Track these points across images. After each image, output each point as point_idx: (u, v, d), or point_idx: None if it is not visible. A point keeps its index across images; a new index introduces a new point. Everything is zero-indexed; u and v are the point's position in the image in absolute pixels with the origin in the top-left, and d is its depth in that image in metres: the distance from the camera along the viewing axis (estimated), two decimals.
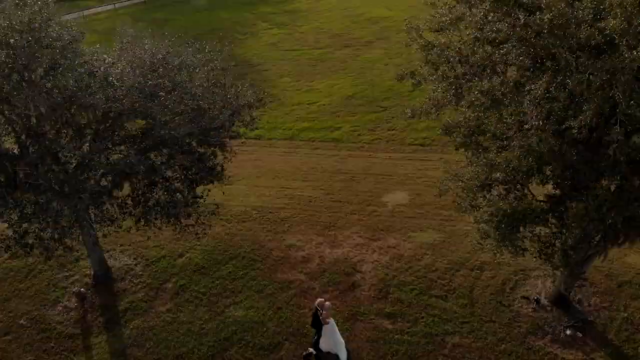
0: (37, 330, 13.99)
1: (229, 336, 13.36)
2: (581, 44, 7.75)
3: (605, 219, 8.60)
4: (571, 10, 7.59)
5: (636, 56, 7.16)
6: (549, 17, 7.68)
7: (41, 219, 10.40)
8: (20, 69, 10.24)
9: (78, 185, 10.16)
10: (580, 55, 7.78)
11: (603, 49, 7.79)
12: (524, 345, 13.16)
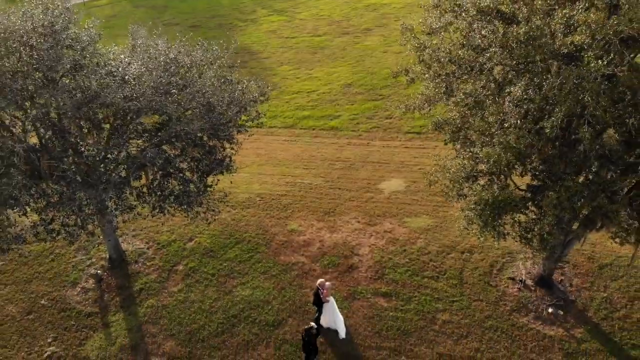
0: (57, 310, 15.22)
1: (237, 314, 14.62)
2: (554, 53, 8.77)
3: (576, 208, 9.74)
4: (545, 23, 8.59)
5: (601, 65, 8.19)
6: (525, 30, 8.70)
7: (66, 207, 11.51)
8: (45, 70, 11.23)
9: (101, 176, 11.24)
10: (553, 63, 8.81)
11: (575, 56, 8.81)
12: (509, 322, 14.43)
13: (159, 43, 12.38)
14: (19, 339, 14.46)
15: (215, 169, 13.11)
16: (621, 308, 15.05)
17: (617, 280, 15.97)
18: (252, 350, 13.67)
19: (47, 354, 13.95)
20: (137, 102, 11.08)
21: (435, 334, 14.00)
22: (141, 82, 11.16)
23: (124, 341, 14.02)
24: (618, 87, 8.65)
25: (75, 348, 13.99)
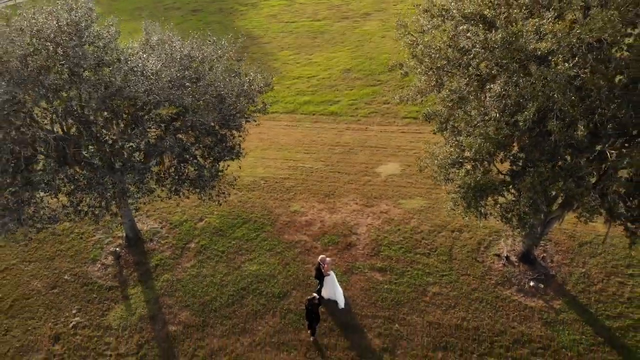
0: (80, 284, 16.81)
1: (246, 286, 16.23)
2: (528, 55, 10.11)
3: (548, 191, 11.22)
4: (519, 30, 9.90)
5: (567, 67, 9.55)
6: (502, 36, 10.02)
7: (93, 191, 12.95)
8: (72, 66, 12.54)
9: (125, 162, 12.64)
10: (527, 64, 10.16)
11: (546, 58, 10.16)
12: (493, 294, 16.05)
13: (173, 40, 13.66)
14: (45, 311, 16.06)
15: (225, 156, 14.55)
16: (598, 282, 16.65)
17: (595, 257, 17.55)
18: (260, 319, 15.30)
19: (72, 324, 15.55)
20: (156, 96, 12.43)
21: (426, 304, 15.63)
22: (160, 78, 12.48)
23: (142, 312, 15.64)
24: (584, 86, 10.03)
25: (98, 318, 15.61)
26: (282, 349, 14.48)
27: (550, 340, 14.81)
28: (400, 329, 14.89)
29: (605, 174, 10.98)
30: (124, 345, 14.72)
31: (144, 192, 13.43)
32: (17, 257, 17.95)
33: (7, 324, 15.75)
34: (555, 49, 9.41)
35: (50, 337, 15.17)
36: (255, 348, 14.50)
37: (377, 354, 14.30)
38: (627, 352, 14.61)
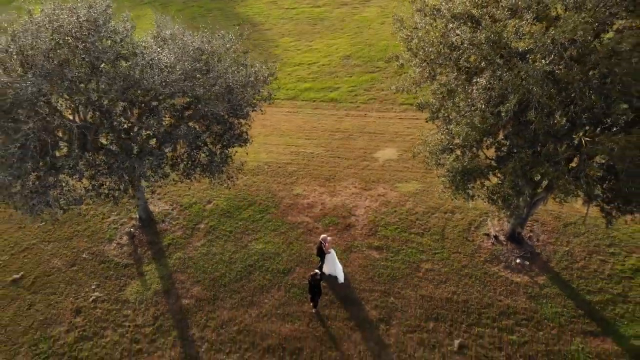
0: (97, 262, 18.22)
1: (252, 263, 17.66)
2: (510, 52, 11.32)
3: (527, 175, 12.54)
4: (501, 30, 11.09)
5: (544, 64, 10.77)
6: (486, 35, 11.22)
7: (113, 175, 14.25)
8: (93, 60, 13.74)
9: (143, 149, 13.91)
10: (509, 59, 11.38)
11: (526, 55, 11.37)
12: (482, 270, 17.49)
13: (185, 34, 14.82)
14: (66, 286, 17.50)
15: (234, 142, 15.82)
16: (580, 260, 18.09)
17: (578, 237, 18.97)
18: (266, 292, 16.76)
19: (92, 299, 17.00)
20: (171, 87, 13.66)
21: (419, 279, 17.08)
22: (174, 70, 13.69)
23: (157, 287, 17.08)
24: (560, 80, 11.27)
25: (116, 293, 17.05)
26: (287, 319, 15.95)
27: (534, 312, 16.27)
28: (395, 302, 16.36)
29: (580, 159, 12.27)
30: (141, 317, 16.19)
31: (159, 176, 14.73)
32: (37, 237, 19.33)
33: (31, 299, 17.19)
34: (532, 47, 10.63)
35: (72, 311, 16.62)
36: (262, 319, 15.97)
37: (373, 324, 15.79)
38: (606, 324, 16.09)
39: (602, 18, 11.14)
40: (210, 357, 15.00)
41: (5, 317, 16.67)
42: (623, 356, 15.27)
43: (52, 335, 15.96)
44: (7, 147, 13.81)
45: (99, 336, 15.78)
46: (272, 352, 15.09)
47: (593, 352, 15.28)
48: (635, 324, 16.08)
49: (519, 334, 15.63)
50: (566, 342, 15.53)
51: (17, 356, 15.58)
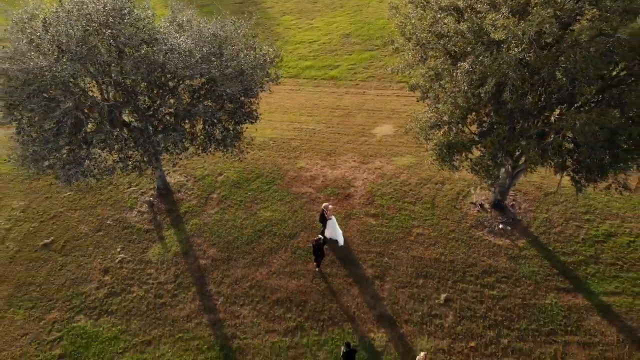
0: (121, 228, 20.42)
1: (262, 229, 19.90)
2: (489, 40, 13.24)
3: (504, 147, 14.62)
4: (480, 22, 12.99)
5: (518, 52, 12.72)
6: (467, 25, 13.13)
7: (139, 148, 16.30)
8: (120, 45, 15.63)
9: (168, 125, 15.91)
10: (489, 47, 13.31)
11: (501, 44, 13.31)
12: (468, 235, 19.74)
13: (200, 22, 16.69)
14: (94, 249, 19.73)
15: (245, 120, 17.84)
16: (558, 226, 20.34)
17: (557, 205, 21.18)
18: (275, 254, 19.03)
19: (118, 260, 19.25)
20: (190, 70, 15.60)
21: (411, 243, 19.35)
22: (193, 55, 15.60)
23: (177, 249, 19.33)
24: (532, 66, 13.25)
25: (139, 255, 19.30)
26: (293, 276, 18.26)
27: (513, 271, 18.59)
28: (389, 261, 18.66)
29: (550, 134, 14.33)
30: (163, 275, 18.48)
31: (180, 149, 16.79)
32: (64, 206, 21.49)
33: (62, 261, 19.44)
34: (507, 37, 12.57)
35: (100, 270, 18.90)
36: (271, 276, 18.28)
37: (369, 281, 18.11)
38: (578, 281, 18.42)
39: (569, 10, 13.04)
40: (226, 308, 17.35)
41: (39, 277, 18.93)
42: (592, 310, 17.63)
43: (83, 292, 18.25)
44: (43, 124, 15.84)
45: (126, 292, 18.08)
46: (280, 304, 17.43)
47: (565, 306, 17.62)
48: (605, 283, 18.42)
49: (498, 290, 17.96)
50: (541, 297, 17.86)
51: (52, 310, 17.89)
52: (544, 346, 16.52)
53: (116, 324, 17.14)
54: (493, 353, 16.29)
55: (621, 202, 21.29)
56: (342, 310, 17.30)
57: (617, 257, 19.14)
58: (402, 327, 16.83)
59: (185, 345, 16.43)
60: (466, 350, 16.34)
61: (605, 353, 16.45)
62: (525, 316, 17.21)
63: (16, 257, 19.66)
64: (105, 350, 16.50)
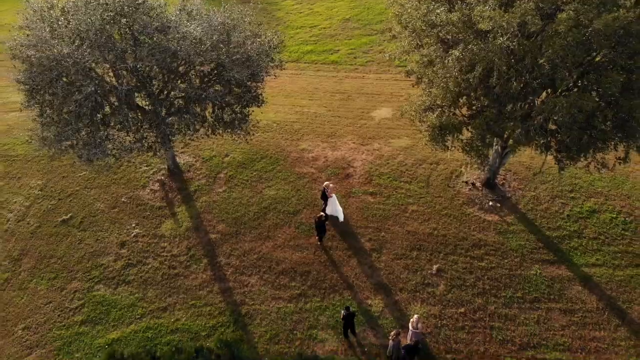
0: (135, 205, 21.92)
1: (267, 206, 21.43)
2: (478, 30, 14.55)
3: (492, 128, 16.04)
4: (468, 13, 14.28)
5: (503, 41, 14.05)
6: (457, 16, 14.43)
7: (155, 130, 17.70)
8: (135, 33, 16.91)
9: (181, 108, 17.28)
10: (477, 36, 14.62)
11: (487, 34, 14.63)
12: (460, 211, 21.27)
13: (209, 10, 17.96)
14: (110, 225, 21.25)
15: (251, 103, 19.22)
16: (544, 203, 21.85)
17: (545, 184, 22.68)
18: (279, 229, 20.59)
19: (133, 234, 20.78)
20: (201, 56, 16.93)
21: (406, 219, 20.88)
22: (204, 42, 16.91)
23: (188, 224, 20.88)
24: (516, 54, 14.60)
25: (153, 229, 20.84)
26: (297, 249, 19.84)
27: (501, 244, 20.15)
28: (386, 236, 20.23)
29: (532, 117, 15.73)
30: (176, 248, 20.04)
31: (192, 131, 18.20)
32: (80, 185, 22.97)
33: (81, 236, 20.98)
34: (492, 28, 13.89)
35: (117, 244, 20.45)
36: (277, 249, 19.85)
37: (367, 253, 19.69)
38: (561, 254, 20.00)
39: (551, 3, 14.34)
40: (236, 278, 18.94)
41: (59, 250, 20.49)
42: (574, 280, 19.22)
43: (102, 264, 19.82)
44: (64, 107, 17.21)
45: (142, 263, 19.66)
46: (285, 274, 19.03)
47: (548, 276, 19.22)
48: (587, 255, 20.00)
49: (487, 261, 19.54)
50: (526, 268, 19.45)
51: (73, 281, 19.47)
52: (527, 312, 18.14)
53: (133, 293, 18.73)
54: (481, 318, 17.91)
55: (605, 181, 22.80)
56: (342, 279, 18.89)
57: (600, 232, 20.69)
58: (397, 294, 18.44)
59: (198, 311, 18.04)
60: (456, 315, 17.96)
61: (585, 319, 18.08)
62: (511, 285, 18.81)
63: (37, 232, 21.19)
64: (124, 316, 18.11)
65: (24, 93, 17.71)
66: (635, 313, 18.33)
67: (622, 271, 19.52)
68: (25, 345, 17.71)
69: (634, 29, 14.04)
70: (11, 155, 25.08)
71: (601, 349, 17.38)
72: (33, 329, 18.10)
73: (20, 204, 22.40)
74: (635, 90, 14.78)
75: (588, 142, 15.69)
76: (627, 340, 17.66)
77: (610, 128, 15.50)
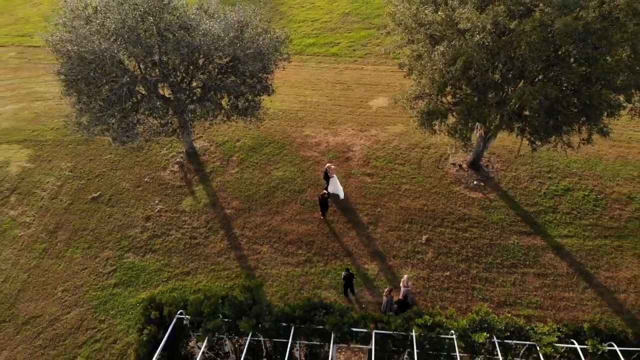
0: (157, 184, 24.68)
1: (275, 185, 24.20)
2: (459, 29, 17.23)
3: (472, 114, 18.78)
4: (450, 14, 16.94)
5: (480, 38, 16.72)
6: (441, 16, 17.10)
7: (179, 115, 20.40)
8: (162, 30, 19.57)
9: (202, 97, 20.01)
10: (459, 33, 17.29)
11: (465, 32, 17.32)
12: (447, 189, 24.04)
13: (225, 10, 20.62)
14: (135, 202, 24.02)
15: (263, 92, 21.93)
16: (524, 182, 24.63)
17: (525, 166, 25.45)
18: (287, 205, 23.37)
19: (157, 210, 23.56)
20: (220, 51, 19.62)
21: (399, 196, 23.67)
22: (222, 38, 19.59)
23: (206, 201, 23.65)
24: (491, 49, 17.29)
25: (175, 205, 23.62)
26: (302, 223, 22.63)
27: (484, 218, 22.94)
28: (381, 211, 23.01)
29: (506, 103, 18.45)
30: (196, 221, 22.83)
31: (211, 117, 20.96)
32: (106, 167, 25.72)
33: (109, 211, 23.75)
34: (470, 27, 16.58)
35: (143, 218, 23.23)
36: (285, 223, 22.64)
37: (365, 226, 22.49)
38: (537, 227, 22.80)
39: (521, 5, 17.01)
40: (249, 247, 21.75)
41: (91, 224, 23.26)
42: (547, 249, 22.03)
43: (130, 235, 22.61)
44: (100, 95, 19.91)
45: (166, 235, 22.45)
46: (292, 244, 21.84)
47: (525, 245, 22.02)
48: (560, 228, 22.80)
49: (470, 232, 22.35)
50: (505, 239, 22.26)
51: (105, 250, 22.26)
52: (505, 276, 20.97)
53: (160, 259, 21.55)
54: (464, 280, 20.74)
55: (580, 163, 25.60)
56: (343, 248, 21.70)
57: (572, 207, 23.49)
58: (390, 260, 21.26)
59: (217, 275, 20.86)
60: (442, 278, 20.79)
61: (556, 282, 20.91)
62: (491, 253, 21.63)
63: (69, 208, 23.97)
64: (152, 279, 20.93)
65: (64, 83, 20.37)
66: (601, 277, 21.17)
67: (592, 242, 22.34)
68: (65, 305, 20.51)
69: (592, 28, 16.71)
70: (40, 140, 27.81)
71: (569, 307, 20.23)
72: (71, 291, 20.90)
73: (52, 183, 25.15)
74: (594, 80, 17.49)
75: (554, 125, 18.43)
76: (593, 301, 20.52)
77: (574, 113, 18.22)
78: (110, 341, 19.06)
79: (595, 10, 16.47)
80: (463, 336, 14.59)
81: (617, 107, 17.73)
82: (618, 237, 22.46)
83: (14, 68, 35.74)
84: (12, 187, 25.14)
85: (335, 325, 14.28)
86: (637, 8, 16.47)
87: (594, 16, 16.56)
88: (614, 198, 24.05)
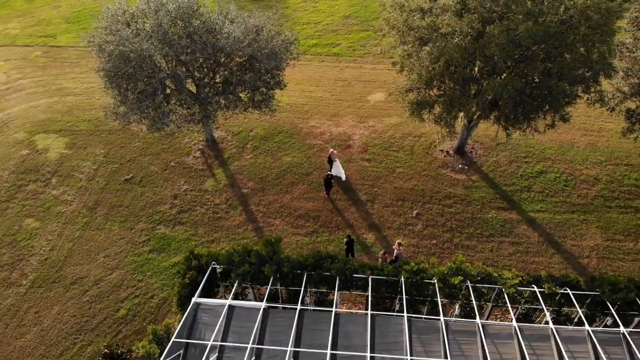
0: (182, 168, 28.49)
1: (285, 169, 28.05)
2: (442, 32, 21.01)
3: (454, 104, 22.60)
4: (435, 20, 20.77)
5: (458, 40, 20.51)
6: (427, 22, 20.91)
7: (205, 106, 24.21)
8: (190, 34, 23.35)
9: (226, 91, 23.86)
10: (442, 36, 21.10)
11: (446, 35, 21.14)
12: (436, 172, 27.88)
13: (244, 16, 24.43)
14: (164, 182, 27.81)
15: (276, 87, 25.74)
16: (503, 166, 28.46)
17: (505, 151, 29.29)
18: (295, 186, 27.19)
19: (183, 189, 27.38)
20: (240, 51, 23.42)
21: (394, 178, 27.49)
22: (242, 41, 23.39)
23: (225, 182, 27.47)
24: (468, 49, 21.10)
25: (198, 186, 27.42)
26: (309, 200, 26.45)
27: (467, 196, 26.75)
28: (378, 190, 26.83)
29: (482, 95, 22.25)
30: (218, 199, 26.62)
31: (232, 108, 24.76)
32: (136, 153, 29.51)
33: (141, 190, 27.52)
34: (450, 31, 20.39)
35: (171, 196, 27.02)
36: (294, 200, 26.45)
37: (363, 203, 26.31)
38: (513, 203, 26.63)
39: (492, 12, 20.81)
40: (264, 220, 25.55)
41: (125, 201, 27.03)
42: (521, 222, 25.84)
43: (160, 210, 26.38)
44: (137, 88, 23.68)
45: (192, 210, 26.23)
46: (301, 217, 25.64)
47: (502, 219, 25.84)
48: (533, 204, 26.63)
49: (455, 208, 26.16)
50: (485, 213, 26.07)
51: (139, 223, 26.01)
52: (484, 244, 24.78)
53: (187, 230, 25.32)
54: (448, 247, 24.54)
55: (554, 149, 29.44)
56: (344, 221, 25.49)
57: (545, 187, 27.31)
58: (385, 231, 25.06)
59: (237, 243, 24.65)
60: (429, 245, 24.58)
61: (528, 249, 24.73)
62: (472, 225, 25.43)
63: (106, 188, 27.74)
64: (182, 246, 24.69)
65: (105, 79, 24.13)
66: (567, 245, 24.99)
67: (561, 216, 26.16)
68: (107, 268, 24.25)
69: (551, 31, 20.49)
70: (75, 130, 31.58)
71: (538, 270, 24.01)
72: (112, 257, 24.65)
73: (88, 167, 28.92)
74: (554, 75, 21.31)
75: (523, 112, 22.27)
76: (560, 264, 24.32)
77: (539, 102, 22.04)
78: (148, 296, 22.83)
79: (554, 15, 20.28)
80: (442, 280, 18.37)
81: (574, 97, 21.58)
82: (584, 212, 26.29)
83: (42, 66, 39.49)
84: (53, 171, 28.88)
85: (340, 271, 18.05)
86: (589, 13, 20.28)
87: (553, 20, 20.37)
88: (582, 179, 27.88)
